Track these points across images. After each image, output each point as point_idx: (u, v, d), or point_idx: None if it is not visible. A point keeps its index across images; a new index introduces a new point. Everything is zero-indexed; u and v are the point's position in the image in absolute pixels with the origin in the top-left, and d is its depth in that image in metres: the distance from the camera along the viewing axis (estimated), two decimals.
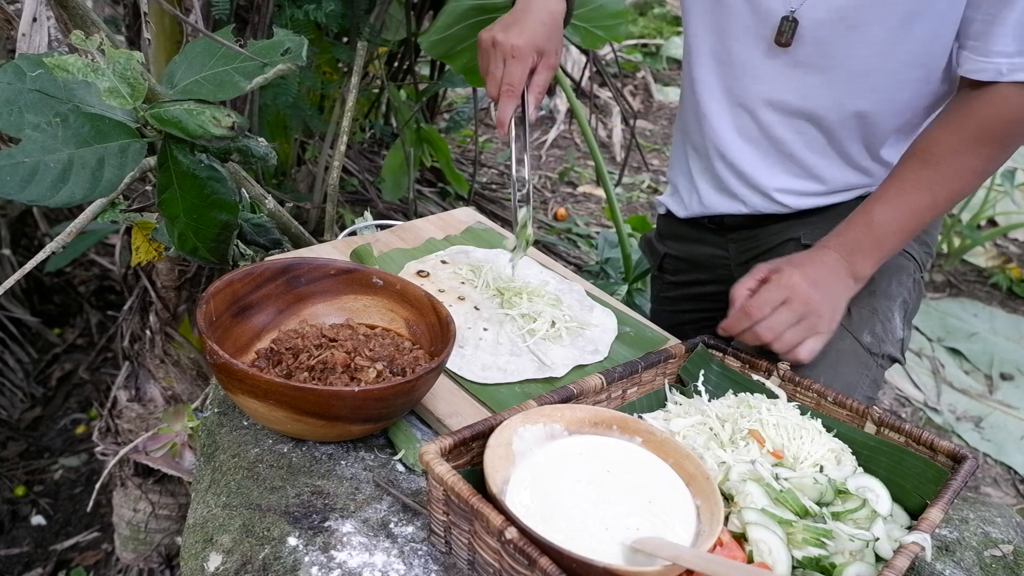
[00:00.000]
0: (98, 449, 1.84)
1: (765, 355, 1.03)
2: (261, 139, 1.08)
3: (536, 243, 3.03)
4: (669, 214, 1.50)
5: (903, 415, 2.76)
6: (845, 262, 1.09)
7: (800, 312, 1.03)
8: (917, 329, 3.18)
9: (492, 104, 1.15)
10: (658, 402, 0.99)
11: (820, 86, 1.19)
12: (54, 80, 0.93)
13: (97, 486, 1.78)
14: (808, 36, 1.15)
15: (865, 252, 1.10)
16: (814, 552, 0.75)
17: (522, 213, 1.15)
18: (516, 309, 1.13)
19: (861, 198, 1.29)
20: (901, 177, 1.12)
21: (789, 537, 0.76)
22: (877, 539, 0.78)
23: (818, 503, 0.81)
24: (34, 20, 1.06)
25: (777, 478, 0.81)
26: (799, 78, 1.19)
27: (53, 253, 1.00)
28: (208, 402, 1.05)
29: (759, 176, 1.29)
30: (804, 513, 0.79)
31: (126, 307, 1.85)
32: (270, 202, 1.33)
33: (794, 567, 0.75)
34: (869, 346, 1.20)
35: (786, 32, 1.16)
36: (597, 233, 3.32)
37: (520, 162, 1.16)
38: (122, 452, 1.67)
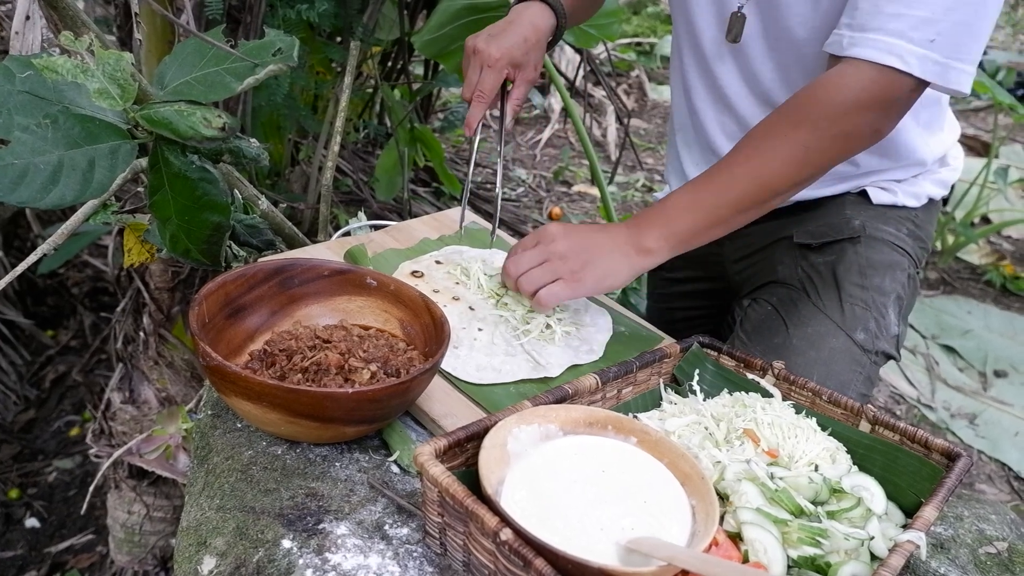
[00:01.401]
0: (92, 451, 1.83)
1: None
2: (253, 140, 1.07)
3: None
4: None
5: (898, 412, 2.76)
6: (628, 231, 1.07)
7: (545, 253, 1.05)
8: (911, 326, 3.19)
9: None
10: (653, 402, 0.99)
11: (782, 76, 1.19)
12: (44, 81, 0.92)
13: (91, 488, 1.77)
14: (754, 27, 1.16)
15: (651, 224, 1.06)
16: (810, 551, 0.75)
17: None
18: (510, 310, 1.13)
19: (854, 194, 1.30)
20: (718, 162, 1.08)
21: (785, 536, 0.76)
22: (872, 538, 0.78)
23: (813, 502, 0.81)
24: (27, 18, 1.06)
25: (772, 477, 0.81)
26: (762, 70, 1.20)
27: (45, 255, 0.99)
28: (202, 404, 1.05)
29: None
30: (800, 512, 0.79)
31: (119, 309, 1.85)
32: (263, 203, 1.32)
33: (790, 566, 0.75)
34: (863, 343, 1.20)
35: (735, 28, 1.16)
36: None
37: (477, 164, 1.26)
38: (116, 454, 1.66)
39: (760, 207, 1.06)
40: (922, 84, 0.98)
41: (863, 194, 1.30)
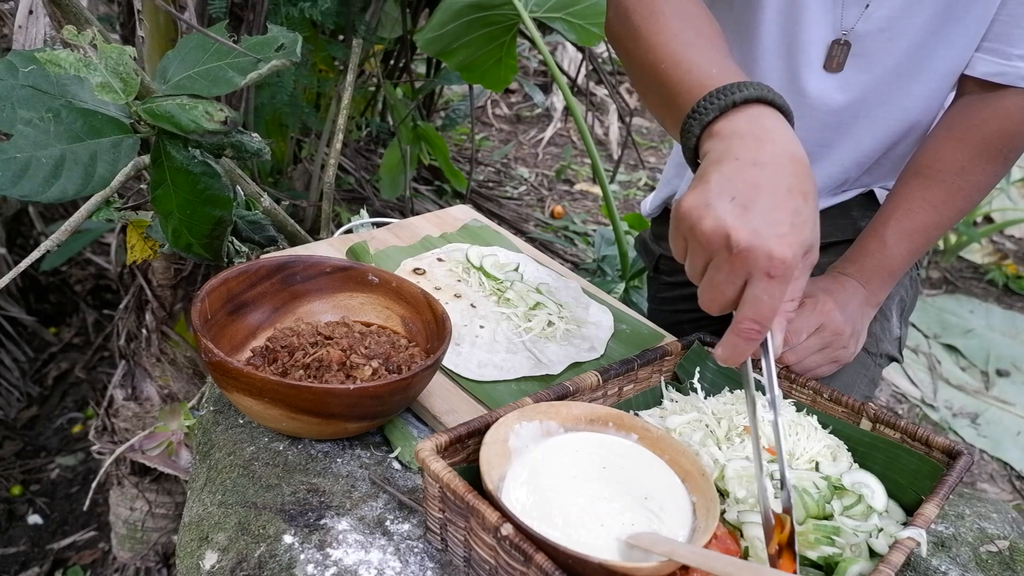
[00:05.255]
0: (94, 448, 1.84)
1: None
2: (255, 134, 1.07)
3: (533, 241, 3.03)
4: (664, 215, 1.49)
5: (900, 412, 2.76)
6: (864, 290, 1.08)
7: (828, 340, 1.01)
8: (914, 326, 3.19)
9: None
10: (654, 399, 0.99)
11: (857, 100, 1.16)
12: (46, 76, 0.93)
13: (94, 485, 1.77)
14: (856, 57, 1.12)
15: (880, 279, 1.09)
16: (828, 551, 0.74)
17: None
18: (512, 307, 1.13)
19: (860, 195, 1.29)
20: (907, 197, 1.09)
21: (801, 538, 0.75)
22: (881, 529, 0.77)
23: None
24: (30, 13, 1.06)
25: (772, 476, 0.81)
26: (836, 95, 1.16)
27: (48, 251, 0.99)
28: (204, 400, 1.05)
29: None
30: (820, 515, 0.78)
31: (122, 306, 1.85)
32: (266, 200, 1.32)
33: None
34: (867, 345, 1.20)
35: (837, 56, 1.11)
36: (594, 231, 3.32)
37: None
38: (118, 451, 1.66)
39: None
40: None
41: (869, 195, 1.29)
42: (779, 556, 0.70)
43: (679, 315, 1.56)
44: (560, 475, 0.77)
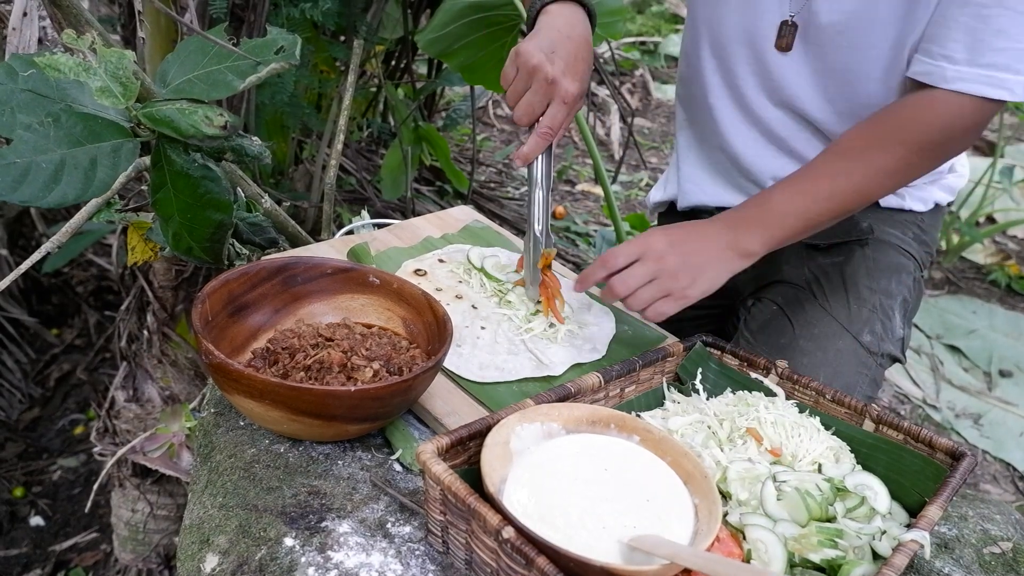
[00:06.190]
0: (96, 450, 1.84)
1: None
2: (255, 138, 1.07)
3: None
4: (669, 211, 1.49)
5: (902, 412, 2.76)
6: (729, 233, 1.05)
7: (653, 270, 1.01)
8: (916, 326, 3.18)
9: (495, 105, 1.13)
10: (656, 400, 0.99)
11: (817, 90, 1.18)
12: (46, 80, 0.93)
13: (95, 487, 1.77)
14: (807, 41, 1.15)
15: (753, 227, 1.05)
16: (831, 554, 0.74)
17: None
18: (514, 309, 1.13)
19: None
20: (811, 165, 1.09)
21: (804, 541, 0.75)
22: (884, 531, 0.77)
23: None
24: (24, 15, 1.06)
25: (775, 478, 0.81)
26: (797, 81, 1.19)
27: (50, 253, 0.99)
28: (205, 402, 1.05)
29: (759, 168, 1.29)
30: (822, 518, 0.78)
31: (123, 307, 1.85)
32: (267, 201, 1.32)
33: (794, 565, 0.75)
34: (869, 345, 1.20)
35: (786, 36, 1.15)
36: (595, 231, 3.32)
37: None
38: (120, 453, 1.66)
39: (851, 213, 1.10)
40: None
41: None
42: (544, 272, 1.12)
43: (680, 313, 1.55)
44: (562, 477, 0.77)
